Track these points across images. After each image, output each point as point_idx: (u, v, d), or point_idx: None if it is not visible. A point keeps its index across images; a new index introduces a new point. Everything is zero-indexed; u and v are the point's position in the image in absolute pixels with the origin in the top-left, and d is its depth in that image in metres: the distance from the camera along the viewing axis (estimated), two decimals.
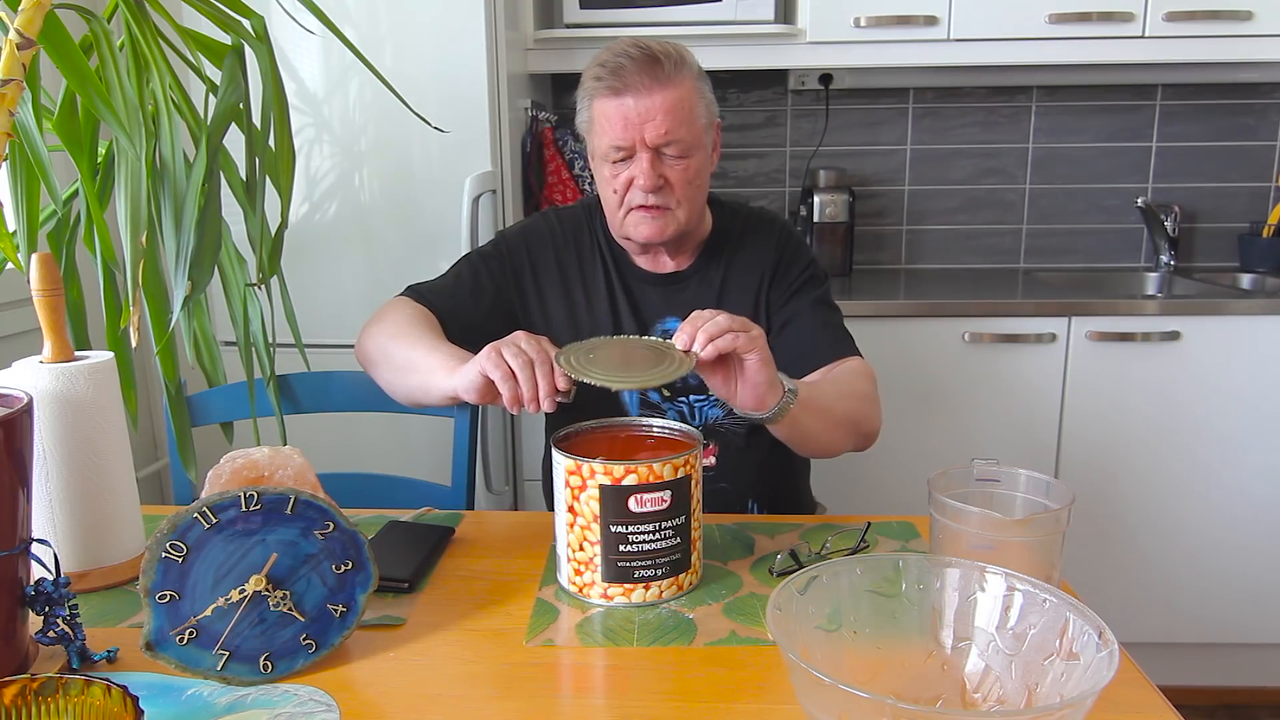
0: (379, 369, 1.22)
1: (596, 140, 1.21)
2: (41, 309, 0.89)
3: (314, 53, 1.82)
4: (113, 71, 1.10)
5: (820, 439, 1.14)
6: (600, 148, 1.20)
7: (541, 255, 1.32)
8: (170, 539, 0.73)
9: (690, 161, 1.20)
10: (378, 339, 1.22)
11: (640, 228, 1.22)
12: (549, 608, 0.89)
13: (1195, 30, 2.07)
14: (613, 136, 1.18)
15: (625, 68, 1.16)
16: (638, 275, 1.30)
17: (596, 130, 1.20)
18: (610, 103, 1.17)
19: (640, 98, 1.16)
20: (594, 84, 1.19)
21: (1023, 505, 0.89)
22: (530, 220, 1.38)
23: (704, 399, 1.27)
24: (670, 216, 1.22)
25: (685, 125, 1.18)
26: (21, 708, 0.59)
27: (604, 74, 1.17)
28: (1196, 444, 2.01)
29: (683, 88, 1.18)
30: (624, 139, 1.17)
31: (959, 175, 2.51)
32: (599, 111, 1.19)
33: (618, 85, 1.16)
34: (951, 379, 2.01)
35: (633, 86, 1.16)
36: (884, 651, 0.70)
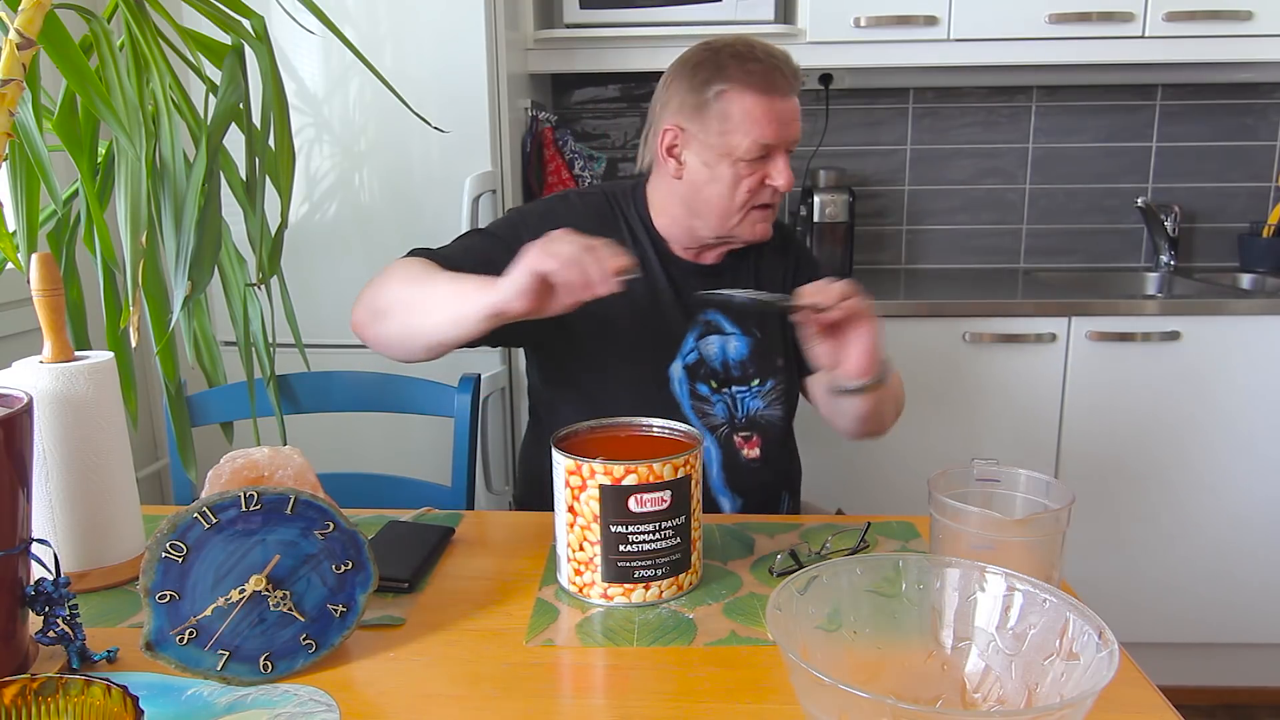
0: (388, 319, 1.12)
1: (733, 137, 1.17)
2: (41, 309, 0.89)
3: (314, 53, 1.82)
4: (113, 71, 1.10)
5: (885, 414, 1.21)
6: (740, 145, 1.17)
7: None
8: (170, 539, 0.73)
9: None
10: (388, 287, 1.14)
11: (758, 226, 1.24)
12: (549, 608, 0.89)
13: (1195, 30, 2.07)
14: (762, 134, 1.17)
15: (779, 68, 1.18)
16: (680, 265, 1.28)
17: (736, 126, 1.17)
18: (762, 100, 1.16)
19: (788, 99, 1.19)
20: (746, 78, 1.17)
21: (1023, 505, 0.89)
22: (550, 201, 1.33)
23: (746, 390, 1.27)
24: (773, 215, 1.26)
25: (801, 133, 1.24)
26: (21, 708, 0.59)
27: (759, 70, 1.17)
28: (1196, 444, 2.01)
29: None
30: (775, 138, 1.17)
31: (959, 175, 2.51)
32: (745, 107, 1.16)
33: (775, 85, 1.17)
34: (951, 379, 2.01)
35: (782, 87, 1.17)
36: (884, 651, 0.70)
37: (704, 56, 1.20)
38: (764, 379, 1.28)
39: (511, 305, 0.95)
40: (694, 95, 1.19)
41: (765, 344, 1.28)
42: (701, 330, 1.27)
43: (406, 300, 1.11)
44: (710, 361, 1.26)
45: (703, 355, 1.26)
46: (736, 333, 1.27)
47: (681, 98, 1.20)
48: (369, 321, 1.15)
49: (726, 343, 1.27)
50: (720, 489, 1.25)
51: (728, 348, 1.27)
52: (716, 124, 1.18)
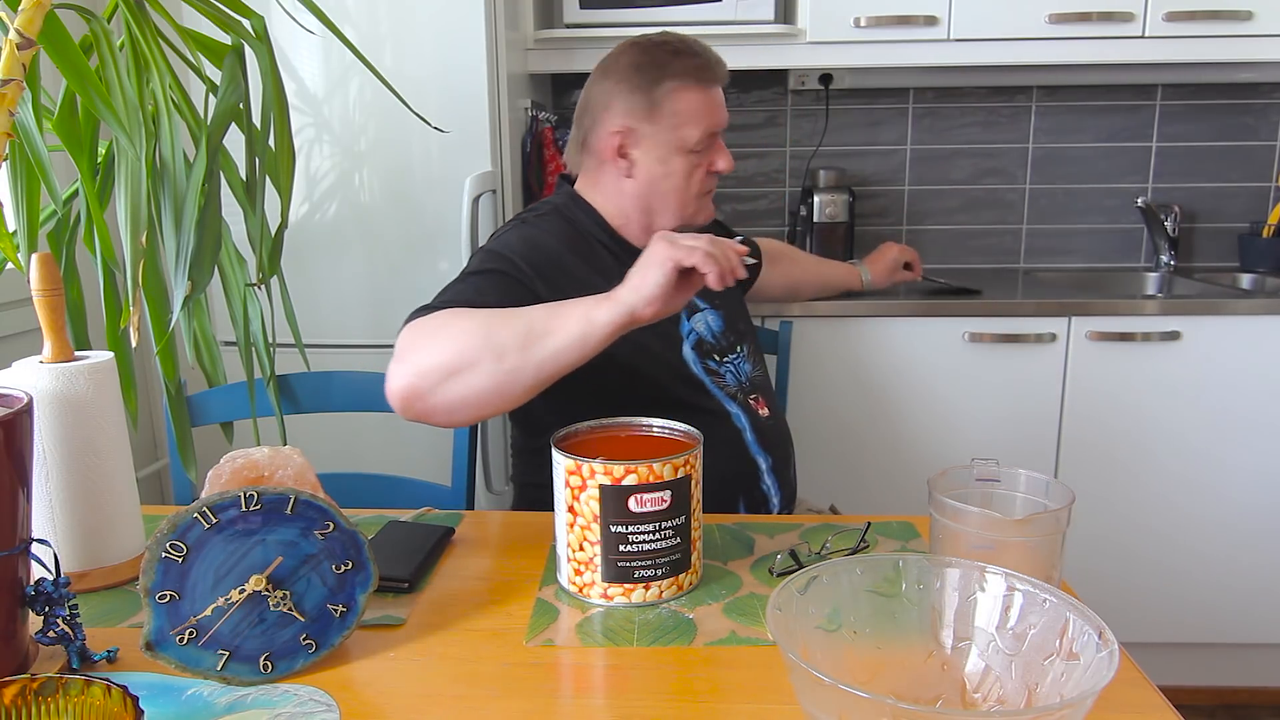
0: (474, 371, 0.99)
1: (683, 130, 1.24)
2: (41, 309, 0.89)
3: (314, 53, 1.82)
4: (113, 71, 1.10)
5: None
6: (691, 137, 1.24)
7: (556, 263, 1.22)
8: (170, 539, 0.73)
9: None
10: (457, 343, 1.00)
11: (707, 210, 1.32)
12: (549, 608, 0.89)
13: (1195, 30, 2.07)
14: (709, 123, 1.24)
15: (712, 59, 1.25)
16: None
17: (685, 119, 1.24)
18: (706, 92, 1.24)
19: (720, 87, 1.27)
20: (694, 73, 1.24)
21: (1023, 505, 0.89)
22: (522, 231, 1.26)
23: (735, 356, 1.33)
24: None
25: None
26: (21, 708, 0.59)
27: (699, 64, 1.24)
28: (1196, 444, 2.01)
29: None
30: (717, 123, 1.25)
31: (959, 175, 2.51)
32: (688, 101, 1.24)
33: (713, 74, 1.25)
34: (951, 379, 2.01)
35: (719, 76, 1.26)
36: (884, 651, 0.70)
37: (643, 57, 1.26)
38: (740, 343, 1.35)
39: (650, 306, 0.92)
40: (643, 95, 1.24)
41: (729, 313, 1.36)
42: (688, 311, 1.32)
43: (499, 344, 0.98)
44: (706, 338, 1.32)
45: (700, 333, 1.31)
46: (708, 307, 1.33)
47: (627, 100, 1.25)
48: (434, 388, 1.00)
49: (706, 317, 1.33)
50: (757, 450, 1.30)
51: (709, 322, 1.33)
52: (668, 120, 1.24)
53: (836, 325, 1.99)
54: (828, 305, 2.00)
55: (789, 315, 1.95)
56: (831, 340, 2.00)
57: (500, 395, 1.00)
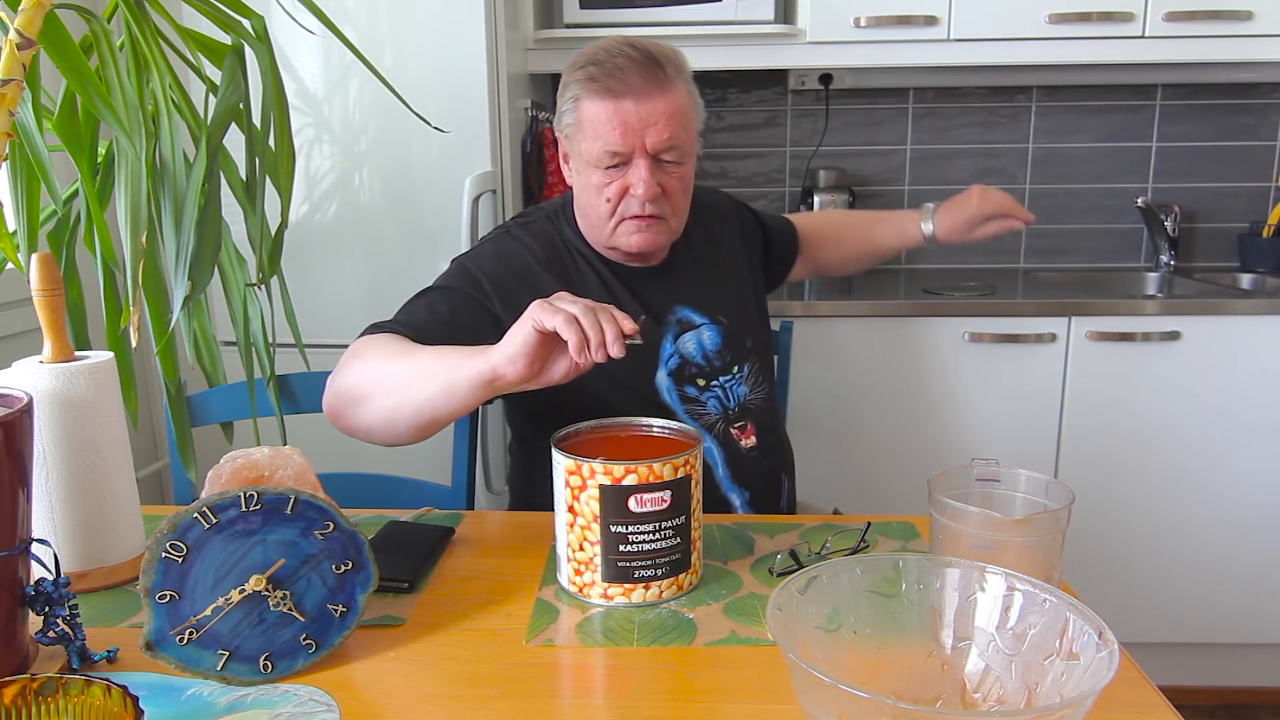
0: (368, 404, 1.02)
1: (586, 145, 1.14)
2: (41, 309, 0.89)
3: (314, 53, 1.82)
4: (113, 71, 1.10)
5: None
6: (591, 153, 1.13)
7: (527, 280, 1.20)
8: (170, 539, 0.73)
9: (685, 169, 1.17)
10: (362, 370, 1.04)
11: (633, 238, 1.17)
12: (549, 608, 0.89)
13: (1195, 30, 2.07)
14: (609, 142, 1.11)
15: (624, 69, 1.10)
16: (633, 274, 1.25)
17: (587, 134, 1.13)
18: (606, 105, 1.11)
19: (641, 102, 1.10)
20: (586, 84, 1.12)
21: (1023, 505, 0.89)
22: (499, 244, 1.25)
23: (730, 378, 1.26)
24: (663, 226, 1.18)
25: (685, 131, 1.14)
26: (21, 708, 0.59)
27: (599, 74, 1.11)
28: (1196, 444, 2.01)
29: (681, 92, 1.14)
30: (623, 145, 1.11)
31: (959, 175, 2.51)
32: (590, 114, 1.12)
33: (616, 87, 1.10)
34: (951, 379, 2.01)
35: (633, 89, 1.10)
36: (884, 651, 0.70)
37: (572, 61, 1.16)
38: (740, 363, 1.27)
39: (511, 366, 0.88)
40: (562, 104, 1.17)
41: (733, 327, 1.27)
42: (676, 331, 1.24)
43: (387, 380, 1.01)
44: (692, 359, 1.24)
45: (683, 356, 1.24)
46: (706, 322, 1.26)
47: (558, 108, 1.19)
48: (345, 409, 1.05)
49: (700, 335, 1.25)
50: (729, 486, 1.24)
51: (703, 340, 1.25)
52: (576, 132, 1.15)
53: (836, 325, 1.99)
54: (828, 305, 2.00)
55: (789, 315, 1.95)
56: (831, 340, 2.00)
57: (390, 431, 1.02)
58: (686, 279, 1.28)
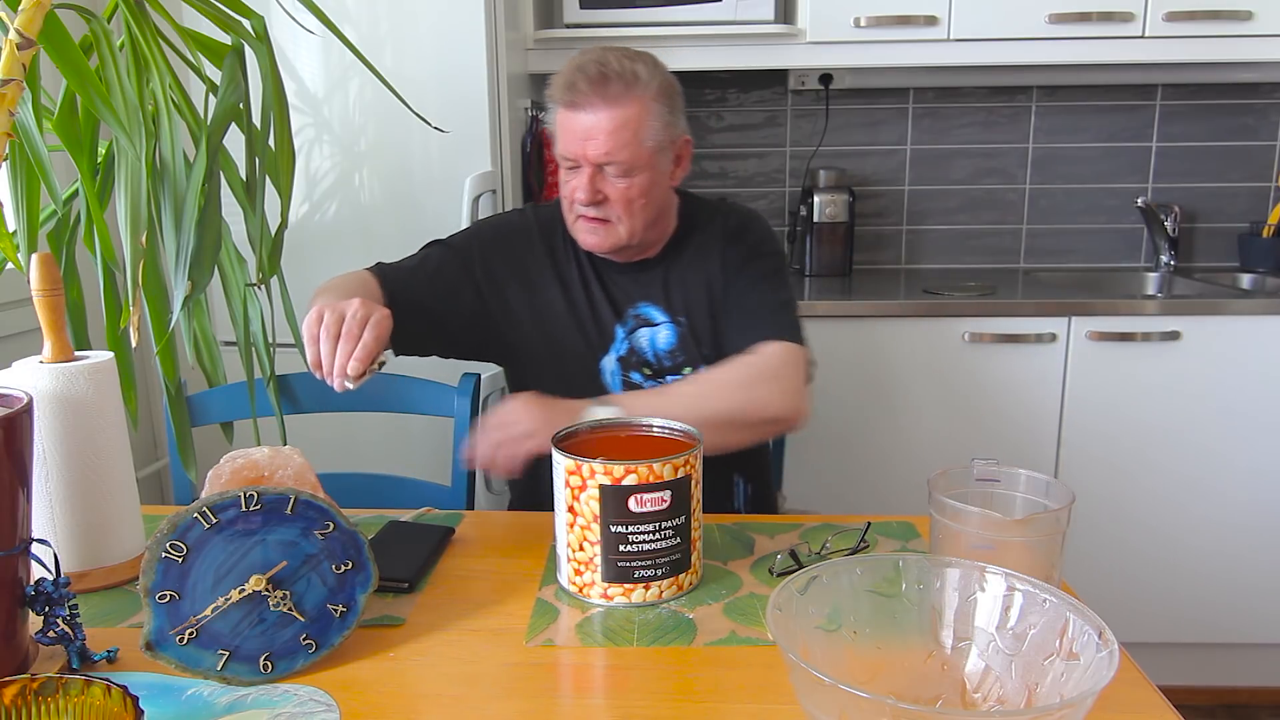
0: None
1: (557, 147, 1.25)
2: (41, 309, 0.89)
3: (314, 53, 1.82)
4: (113, 71, 1.10)
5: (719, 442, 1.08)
6: (558, 155, 1.25)
7: (510, 251, 1.33)
8: (170, 539, 0.73)
9: (633, 181, 1.21)
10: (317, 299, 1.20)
11: (583, 236, 1.27)
12: (549, 608, 0.89)
13: (1195, 30, 2.07)
14: (563, 147, 1.22)
15: (577, 83, 1.18)
16: (610, 265, 1.33)
17: (556, 138, 1.24)
18: (564, 115, 1.21)
19: (588, 114, 1.18)
20: (555, 92, 1.22)
21: (1023, 505, 0.89)
22: (509, 215, 1.41)
23: (678, 377, 1.29)
24: (611, 230, 1.25)
25: (627, 148, 1.19)
26: (21, 708, 0.59)
27: (562, 84, 1.21)
28: (1196, 444, 2.01)
29: (629, 109, 1.18)
30: (571, 151, 1.21)
31: (959, 175, 2.51)
32: (558, 121, 1.23)
33: (572, 99, 1.19)
34: (951, 379, 2.01)
35: (584, 103, 1.18)
36: (884, 651, 0.70)
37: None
38: (693, 365, 1.30)
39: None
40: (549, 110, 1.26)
41: (692, 331, 1.30)
42: (632, 325, 1.30)
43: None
44: (642, 353, 1.30)
45: (634, 347, 1.30)
46: (666, 320, 1.30)
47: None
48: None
49: (656, 333, 1.30)
50: None
51: (657, 338, 1.30)
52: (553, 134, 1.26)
53: (836, 325, 1.99)
54: (827, 305, 2.00)
55: None
56: (831, 340, 2.00)
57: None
58: (660, 277, 1.32)
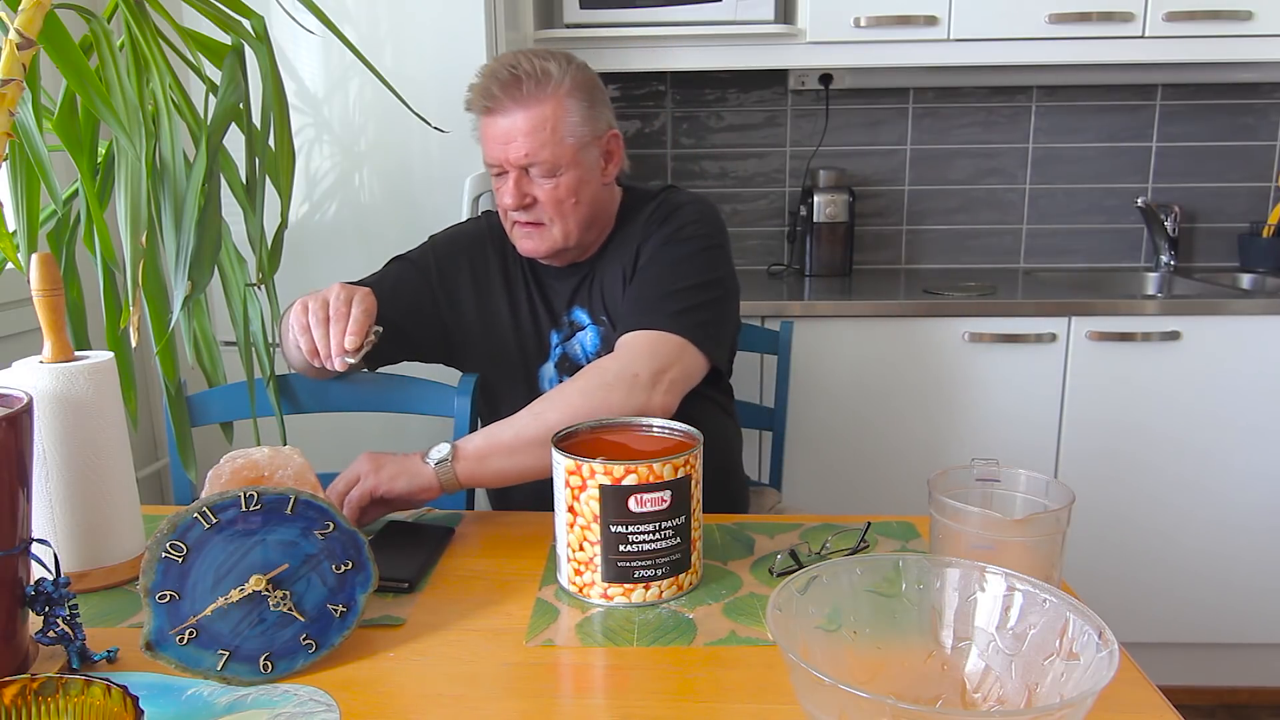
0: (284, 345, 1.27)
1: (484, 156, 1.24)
2: (41, 309, 0.89)
3: (314, 53, 1.82)
4: (113, 71, 1.10)
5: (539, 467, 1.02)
6: (485, 163, 1.24)
7: (464, 260, 1.34)
8: (170, 539, 0.73)
9: (560, 181, 1.20)
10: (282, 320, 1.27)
11: (520, 242, 1.26)
12: (549, 608, 0.89)
13: (1195, 30, 2.07)
14: (486, 154, 1.22)
15: (491, 88, 1.18)
16: (548, 271, 1.33)
17: (482, 147, 1.24)
18: (485, 122, 1.20)
19: (504, 118, 1.18)
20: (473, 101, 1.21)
21: (1023, 505, 0.89)
22: (465, 225, 1.42)
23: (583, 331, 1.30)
24: (545, 233, 1.24)
25: (547, 146, 1.18)
26: (21, 708, 0.59)
27: (476, 91, 1.20)
28: (1196, 444, 2.01)
29: (544, 107, 1.17)
30: (494, 157, 1.20)
31: (959, 175, 2.51)
32: (480, 129, 1.22)
33: (488, 105, 1.19)
34: (951, 379, 2.01)
35: (498, 107, 1.18)
36: (884, 651, 0.70)
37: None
38: None
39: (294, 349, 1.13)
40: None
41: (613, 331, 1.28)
42: (568, 331, 1.31)
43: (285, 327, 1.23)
44: (574, 359, 1.30)
45: (566, 353, 1.31)
46: (590, 324, 1.31)
47: None
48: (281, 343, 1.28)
49: (584, 337, 1.31)
50: None
51: (585, 342, 1.31)
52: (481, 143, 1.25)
53: (836, 325, 1.99)
54: (828, 305, 2.00)
55: (789, 315, 1.95)
56: (831, 340, 2.00)
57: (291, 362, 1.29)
58: (588, 278, 1.31)
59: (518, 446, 1.06)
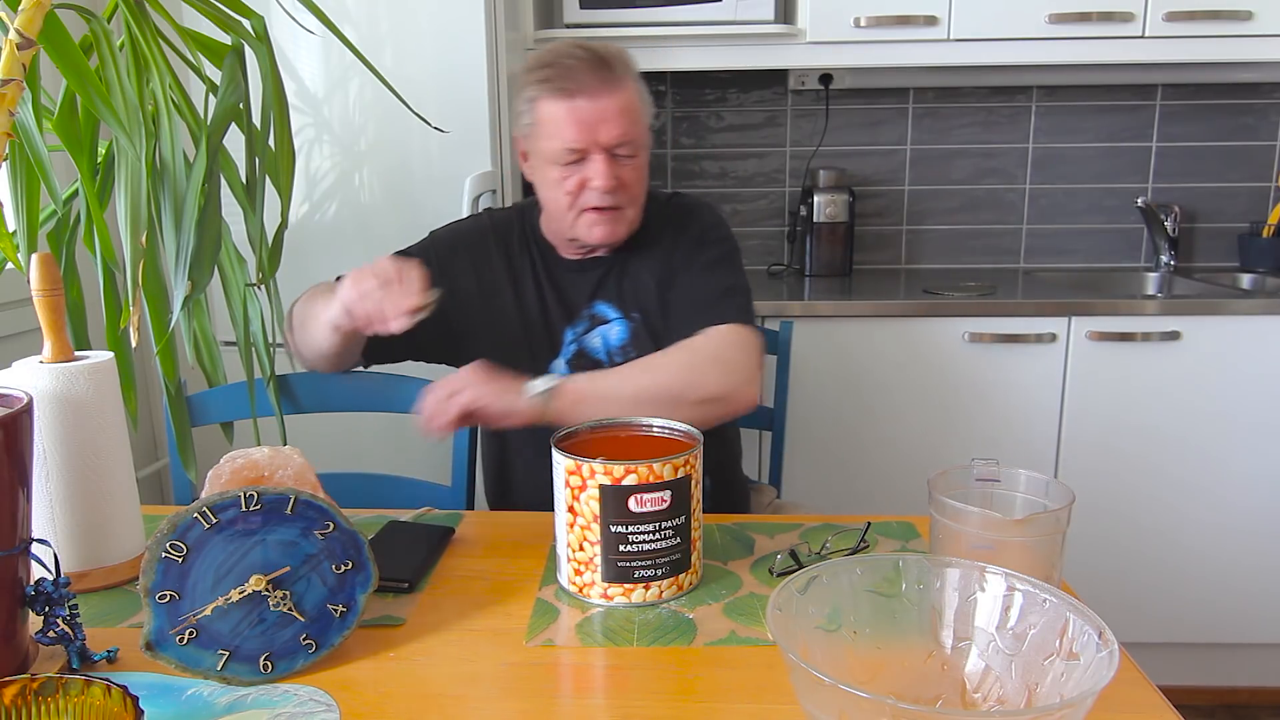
0: (293, 336, 1.29)
1: (545, 143, 1.21)
2: (41, 309, 0.89)
3: (314, 53, 1.82)
4: (113, 71, 1.10)
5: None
6: (550, 150, 1.20)
7: (466, 257, 1.34)
8: (170, 539, 0.73)
9: (639, 160, 1.23)
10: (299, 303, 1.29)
11: (594, 230, 1.24)
12: (549, 608, 0.89)
13: (1195, 30, 2.07)
14: (566, 139, 1.18)
15: (575, 69, 1.17)
16: (564, 265, 1.32)
17: (545, 133, 1.20)
18: (560, 105, 1.18)
19: (593, 100, 1.17)
20: (540, 86, 1.19)
21: (1023, 505, 0.89)
22: (465, 221, 1.41)
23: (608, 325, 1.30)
24: (622, 216, 1.24)
25: (636, 126, 1.20)
26: (21, 708, 0.59)
27: (552, 75, 1.18)
28: (1196, 444, 2.01)
29: (630, 88, 1.21)
30: (579, 141, 1.18)
31: (959, 175, 2.51)
32: (547, 114, 1.19)
33: (569, 87, 1.17)
34: (951, 379, 2.01)
35: (585, 89, 1.17)
36: (884, 651, 0.70)
37: (526, 66, 1.25)
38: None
39: (342, 320, 1.10)
40: (520, 106, 1.25)
41: (646, 326, 1.29)
42: (585, 326, 1.30)
43: (296, 316, 1.28)
44: (592, 353, 1.29)
45: (583, 348, 1.29)
46: (619, 317, 1.30)
47: (515, 110, 1.27)
48: (289, 334, 1.30)
49: (608, 331, 1.30)
50: None
51: (609, 335, 1.30)
52: (535, 131, 1.23)
53: (837, 325, 1.99)
54: (828, 305, 2.00)
55: (789, 315, 1.95)
56: (831, 340, 2.00)
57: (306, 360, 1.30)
58: (613, 273, 1.31)
59: (611, 400, 1.10)
